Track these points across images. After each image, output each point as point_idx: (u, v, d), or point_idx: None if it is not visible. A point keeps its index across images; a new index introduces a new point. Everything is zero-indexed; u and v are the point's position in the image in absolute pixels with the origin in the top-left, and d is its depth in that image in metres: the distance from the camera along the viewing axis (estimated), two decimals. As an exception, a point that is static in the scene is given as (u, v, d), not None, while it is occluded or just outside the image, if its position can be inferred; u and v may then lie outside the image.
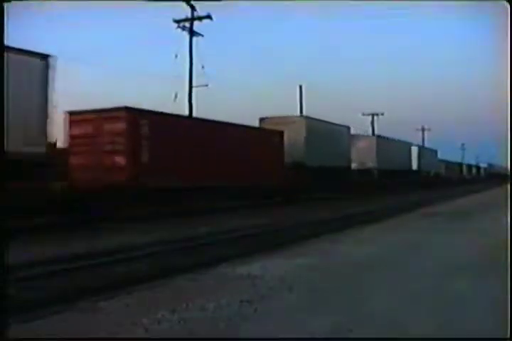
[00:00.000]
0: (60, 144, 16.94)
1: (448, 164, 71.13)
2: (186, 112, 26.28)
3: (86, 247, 9.90)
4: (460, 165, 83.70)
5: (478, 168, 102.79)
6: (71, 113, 17.49)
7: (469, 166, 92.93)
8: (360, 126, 43.06)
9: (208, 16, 26.50)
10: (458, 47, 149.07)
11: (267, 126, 26.74)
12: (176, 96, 26.40)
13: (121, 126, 16.86)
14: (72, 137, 17.33)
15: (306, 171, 27.23)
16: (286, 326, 4.50)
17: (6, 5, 4.07)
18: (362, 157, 37.21)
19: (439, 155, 64.78)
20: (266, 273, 6.84)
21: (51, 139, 13.93)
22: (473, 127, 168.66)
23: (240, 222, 15.09)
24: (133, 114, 17.19)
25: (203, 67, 26.83)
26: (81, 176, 16.05)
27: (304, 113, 35.18)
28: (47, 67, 13.20)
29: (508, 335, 4.05)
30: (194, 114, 25.96)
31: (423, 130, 74.42)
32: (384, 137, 43.11)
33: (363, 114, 56.31)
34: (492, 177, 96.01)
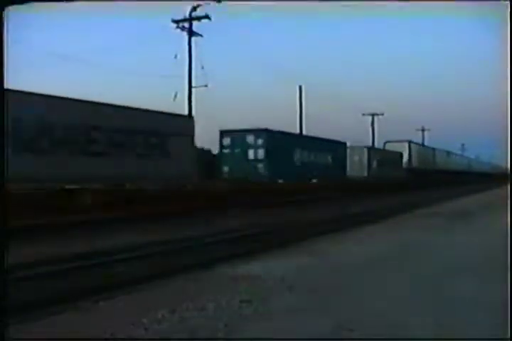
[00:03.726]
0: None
1: None
2: (186, 112, 26.27)
3: (86, 247, 9.89)
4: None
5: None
6: None
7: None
8: (360, 126, 42.12)
9: (206, 16, 26.48)
10: (458, 47, 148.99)
11: None
12: (175, 95, 26.38)
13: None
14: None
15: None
16: (286, 326, 4.49)
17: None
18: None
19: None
20: (266, 273, 6.83)
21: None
22: (473, 127, 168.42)
23: (239, 222, 15.07)
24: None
25: (202, 67, 26.85)
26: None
27: (304, 113, 35.06)
28: None
29: (508, 335, 4.04)
30: (194, 115, 25.72)
31: (423, 130, 74.10)
32: None
33: (363, 114, 56.16)
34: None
